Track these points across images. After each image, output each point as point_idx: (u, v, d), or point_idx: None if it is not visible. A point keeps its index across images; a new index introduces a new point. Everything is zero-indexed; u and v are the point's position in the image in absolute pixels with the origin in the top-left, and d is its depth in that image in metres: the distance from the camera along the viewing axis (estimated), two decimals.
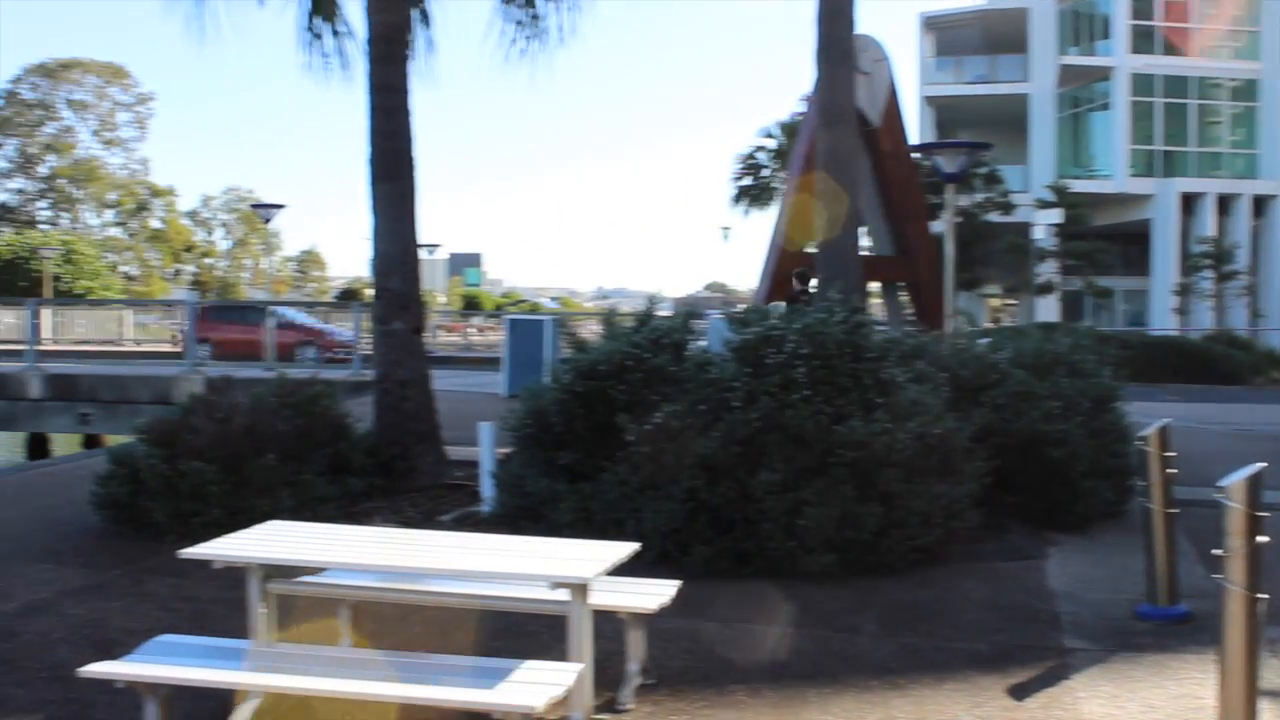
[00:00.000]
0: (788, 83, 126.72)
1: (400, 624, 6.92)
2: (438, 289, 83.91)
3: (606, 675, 5.81)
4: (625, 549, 5.48)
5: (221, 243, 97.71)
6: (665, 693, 5.91)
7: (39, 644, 6.73)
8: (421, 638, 6.68)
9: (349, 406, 11.45)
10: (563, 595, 5.16)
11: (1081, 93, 49.95)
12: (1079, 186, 43.76)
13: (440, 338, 47.21)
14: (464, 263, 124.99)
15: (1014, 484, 9.74)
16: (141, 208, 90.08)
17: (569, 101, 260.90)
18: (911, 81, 51.87)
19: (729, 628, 7.08)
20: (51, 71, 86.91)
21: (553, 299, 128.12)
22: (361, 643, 6.18)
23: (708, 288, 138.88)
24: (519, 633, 6.75)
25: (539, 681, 4.64)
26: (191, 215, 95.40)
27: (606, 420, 8.81)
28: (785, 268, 24.99)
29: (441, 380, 12.85)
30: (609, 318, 10.12)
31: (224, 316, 32.62)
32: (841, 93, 14.02)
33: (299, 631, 6.36)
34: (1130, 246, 47.31)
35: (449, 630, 6.84)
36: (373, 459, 10.77)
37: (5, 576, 8.29)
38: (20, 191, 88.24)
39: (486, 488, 9.88)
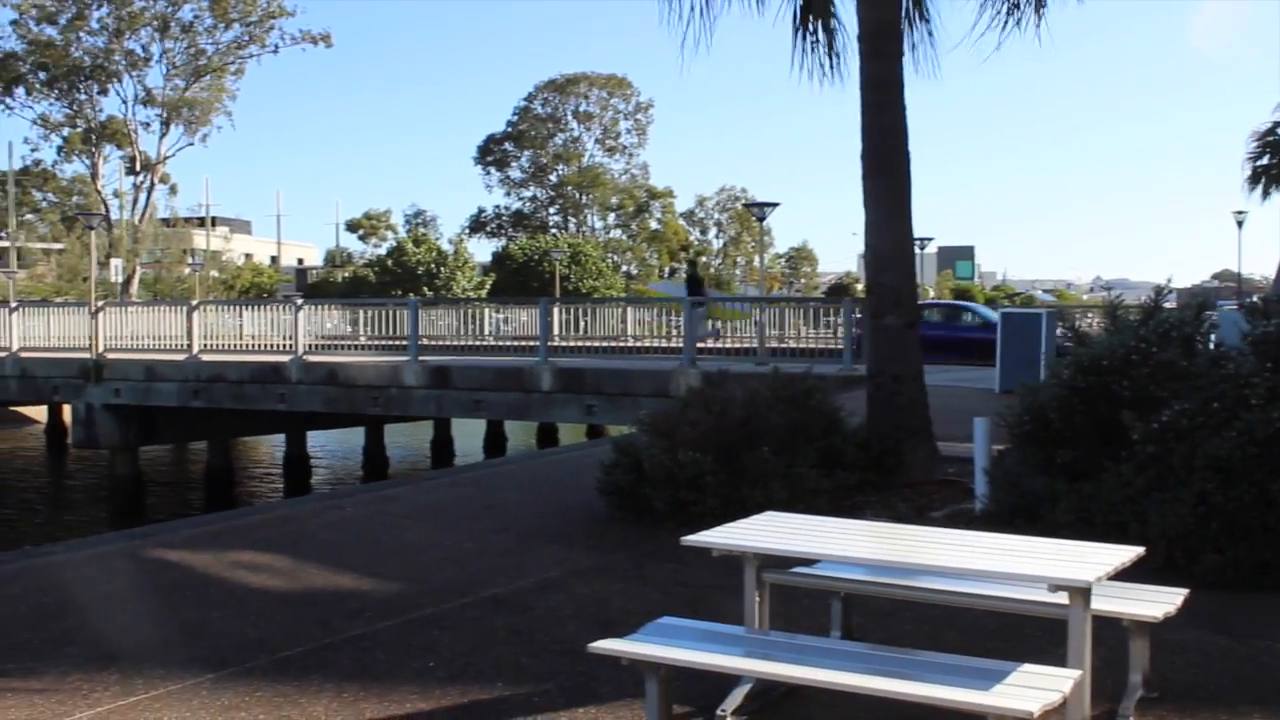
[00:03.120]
0: None
1: (889, 619, 6.89)
2: (927, 283, 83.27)
3: (1105, 685, 5.55)
4: (1129, 553, 5.20)
5: (715, 241, 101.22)
6: (1169, 707, 5.58)
7: (550, 619, 7.18)
8: (910, 634, 6.62)
9: (840, 401, 11.52)
10: (1061, 598, 4.96)
11: None
12: None
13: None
14: (955, 256, 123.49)
15: None
16: (641, 210, 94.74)
17: (1063, 84, 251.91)
18: None
19: (1243, 643, 6.59)
20: (560, 86, 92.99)
21: (1046, 291, 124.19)
22: (851, 635, 6.21)
23: (1216, 277, 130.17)
24: (1011, 634, 6.56)
25: (1035, 686, 4.47)
26: (687, 215, 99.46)
27: (1109, 417, 8.41)
28: None
29: (932, 375, 12.73)
30: (1112, 310, 9.64)
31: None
32: None
33: (791, 620, 6.45)
34: None
35: (939, 627, 6.75)
36: (864, 453, 10.78)
37: (522, 555, 8.91)
38: (533, 199, 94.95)
39: (980, 485, 9.67)
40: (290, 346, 26.82)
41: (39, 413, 43.38)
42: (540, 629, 6.98)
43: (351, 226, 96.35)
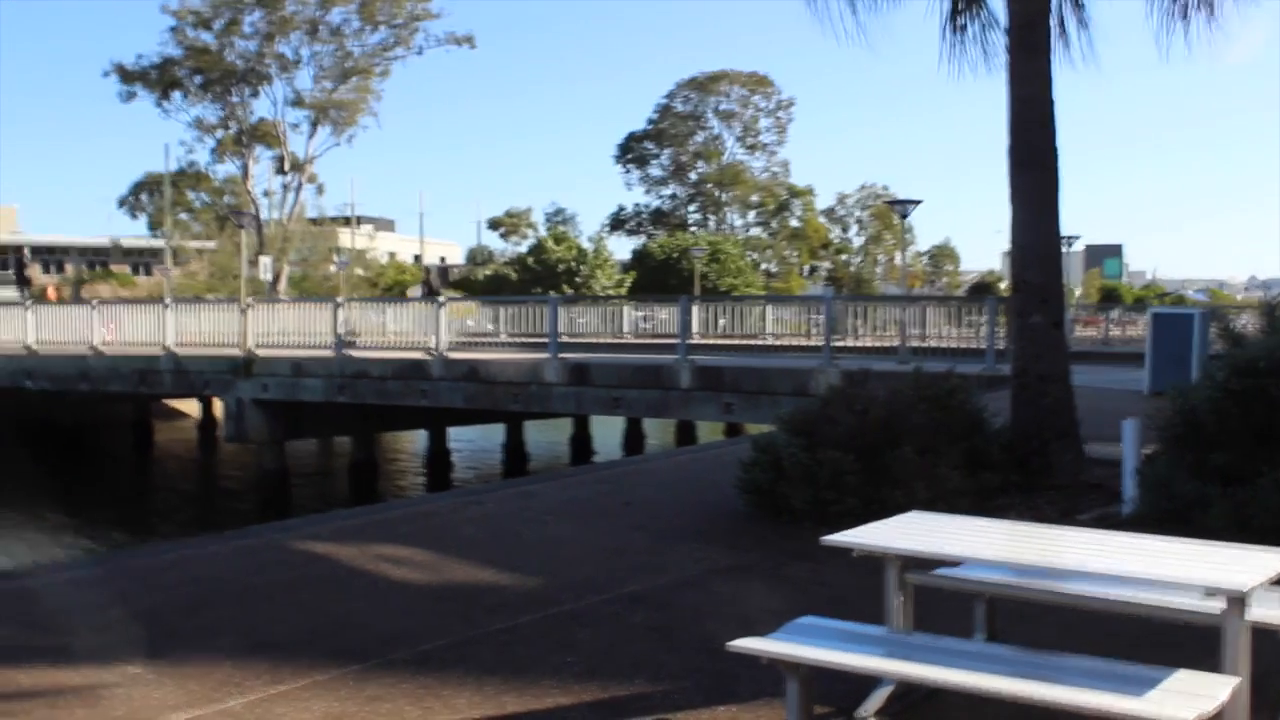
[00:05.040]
0: None
1: (1034, 622, 6.75)
2: (1073, 282, 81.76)
3: (1264, 695, 5.36)
4: None
5: (856, 239, 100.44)
6: None
7: (688, 617, 7.17)
8: (1055, 638, 6.48)
9: (984, 401, 11.34)
10: (1216, 604, 4.80)
11: None
12: None
13: (1077, 332, 45.83)
14: (1102, 254, 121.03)
15: None
16: (781, 208, 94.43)
17: (1220, 81, 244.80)
18: None
19: None
20: (701, 84, 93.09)
21: (1198, 291, 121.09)
22: (995, 638, 6.09)
23: None
24: (1162, 640, 6.37)
25: (1189, 693, 4.34)
26: (827, 213, 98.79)
27: (1266, 420, 8.16)
28: None
29: (1078, 376, 12.46)
30: (1269, 309, 9.33)
31: None
32: None
33: (930, 622, 6.36)
34: None
35: (1084, 632, 6.59)
36: (1008, 454, 10.58)
37: (661, 553, 8.92)
38: (673, 197, 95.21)
39: (1128, 488, 9.44)
40: (433, 344, 27.24)
41: (192, 407, 44.67)
42: (679, 626, 6.98)
43: (493, 224, 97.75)
